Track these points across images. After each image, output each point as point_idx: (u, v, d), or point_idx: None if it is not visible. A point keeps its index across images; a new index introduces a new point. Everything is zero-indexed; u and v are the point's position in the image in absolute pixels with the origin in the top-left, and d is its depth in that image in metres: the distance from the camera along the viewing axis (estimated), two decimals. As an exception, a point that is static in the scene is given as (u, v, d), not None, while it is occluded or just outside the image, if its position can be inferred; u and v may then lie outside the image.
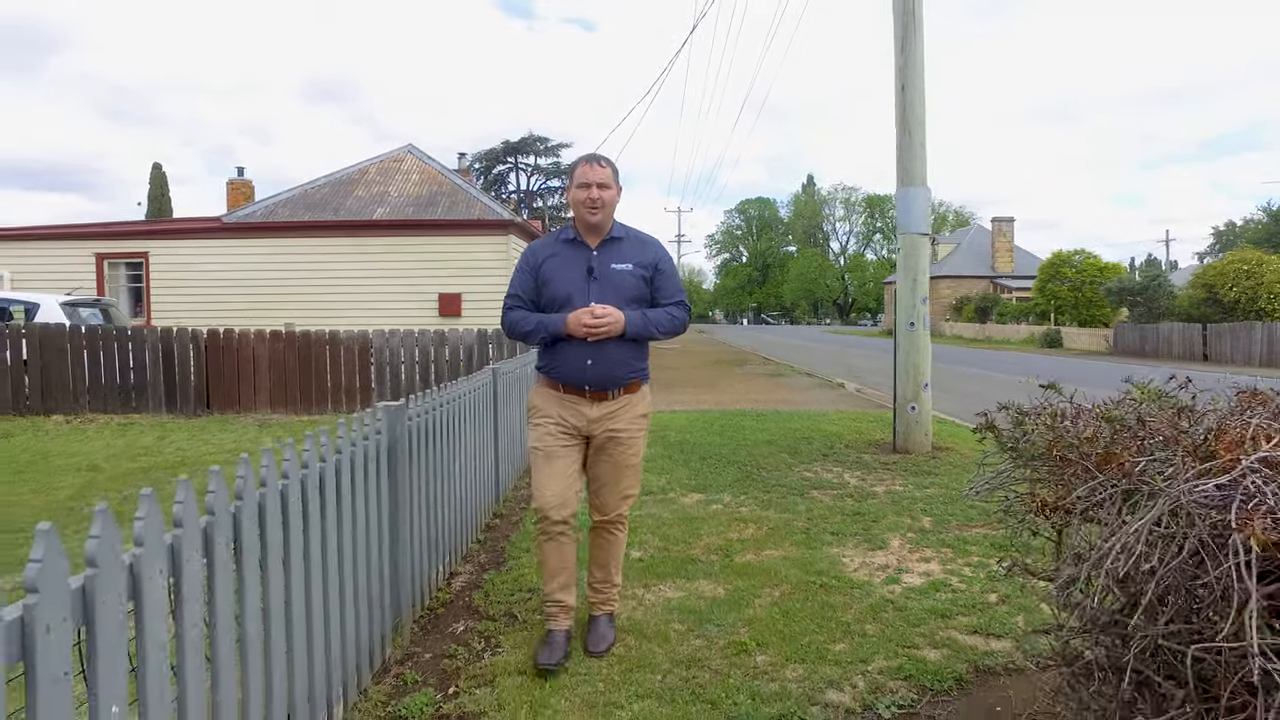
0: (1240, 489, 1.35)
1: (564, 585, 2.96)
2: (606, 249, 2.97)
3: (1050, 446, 1.72)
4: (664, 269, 3.03)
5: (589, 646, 2.95)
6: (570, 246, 2.99)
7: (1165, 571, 1.39)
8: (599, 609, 3.09)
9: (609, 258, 2.95)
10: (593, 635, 3.01)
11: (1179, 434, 1.56)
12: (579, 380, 2.90)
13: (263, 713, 1.93)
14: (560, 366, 2.92)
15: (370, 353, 9.93)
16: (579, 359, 2.88)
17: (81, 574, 1.29)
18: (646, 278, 2.98)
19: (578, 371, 2.89)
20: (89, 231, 14.79)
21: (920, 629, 3.11)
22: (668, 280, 3.02)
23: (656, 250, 3.05)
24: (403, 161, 16.90)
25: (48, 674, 1.19)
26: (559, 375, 2.93)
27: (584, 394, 2.92)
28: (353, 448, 2.53)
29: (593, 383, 2.90)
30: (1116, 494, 1.52)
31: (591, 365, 2.88)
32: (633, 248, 3.01)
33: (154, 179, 44.25)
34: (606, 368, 2.89)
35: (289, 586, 2.07)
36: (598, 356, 2.87)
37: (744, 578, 3.72)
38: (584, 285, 2.91)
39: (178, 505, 1.56)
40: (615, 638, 3.03)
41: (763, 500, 5.22)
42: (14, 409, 9.43)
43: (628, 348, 2.93)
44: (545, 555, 2.96)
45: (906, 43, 7.05)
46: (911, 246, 7.04)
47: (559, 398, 2.95)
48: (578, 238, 3.00)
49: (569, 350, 2.89)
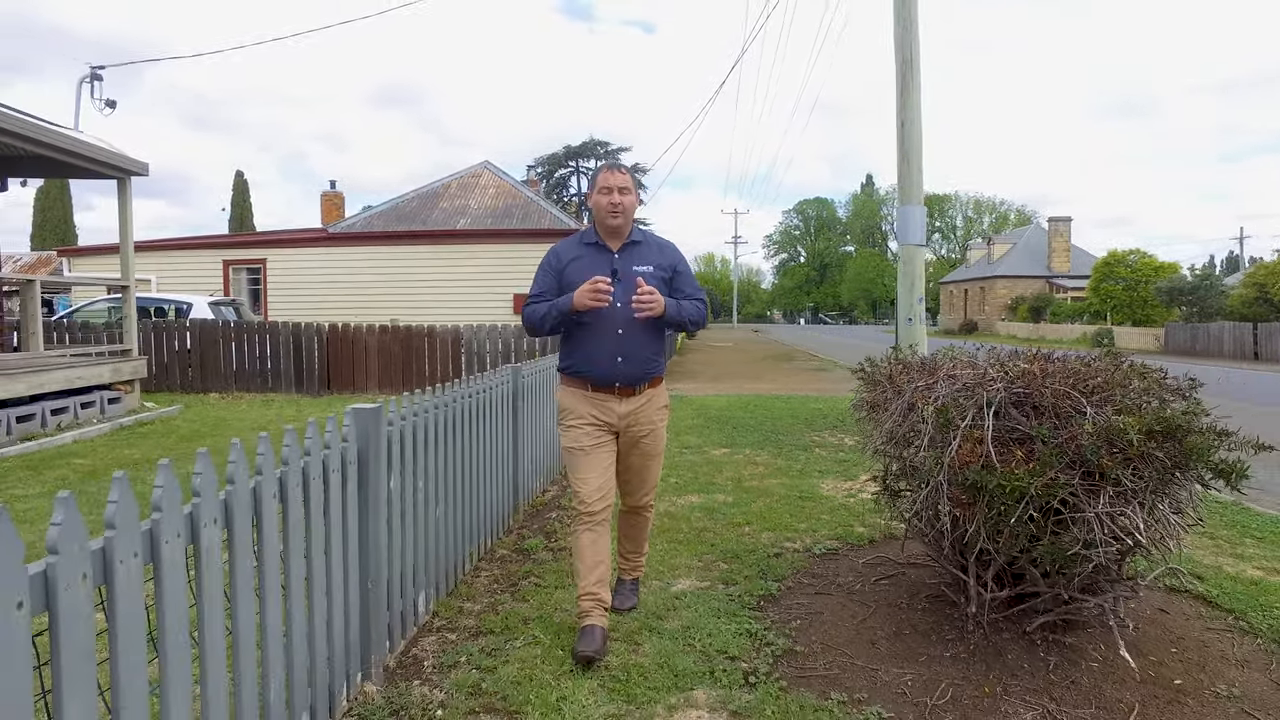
0: (933, 389, 2.94)
1: (600, 580, 2.96)
2: (628, 252, 3.09)
3: (871, 374, 3.30)
4: (681, 270, 3.18)
5: (614, 604, 3.14)
6: (593, 250, 3.09)
7: (904, 428, 2.98)
8: (628, 574, 3.39)
9: (630, 260, 3.06)
10: (619, 595, 3.28)
11: (926, 367, 3.13)
12: (609, 378, 3.00)
13: (475, 528, 3.65)
14: (590, 366, 3.01)
15: (461, 343, 11.82)
16: (609, 357, 2.98)
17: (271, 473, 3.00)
18: (666, 279, 3.11)
19: (608, 369, 2.99)
20: (217, 242, 17.22)
21: (858, 518, 4.67)
22: (686, 280, 3.18)
23: (674, 253, 3.19)
24: (480, 176, 18.92)
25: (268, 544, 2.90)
26: (589, 373, 3.02)
27: (613, 391, 3.02)
28: (491, 390, 4.23)
29: (623, 379, 3.01)
30: (889, 393, 3.10)
31: (623, 363, 2.99)
32: (652, 251, 3.14)
33: (236, 186, 47.76)
34: (637, 365, 3.01)
35: (474, 470, 3.79)
36: (628, 354, 2.99)
37: (748, 494, 5.33)
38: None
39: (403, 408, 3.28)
40: (638, 600, 3.33)
41: (774, 453, 6.81)
42: (181, 387, 11.65)
43: (653, 343, 3.07)
44: (582, 547, 3.00)
45: (906, 85, 8.48)
46: (910, 255, 8.48)
47: (588, 396, 3.04)
48: (599, 241, 3.09)
49: (600, 349, 2.99)
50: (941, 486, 2.70)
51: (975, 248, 54.87)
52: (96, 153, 8.65)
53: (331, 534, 2.36)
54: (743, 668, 2.76)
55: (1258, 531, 4.39)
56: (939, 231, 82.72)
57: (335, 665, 2.41)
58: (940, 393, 2.87)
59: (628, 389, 3.03)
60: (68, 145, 8.25)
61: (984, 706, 2.51)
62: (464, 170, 19.26)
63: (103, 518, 1.43)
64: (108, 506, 1.43)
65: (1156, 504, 2.55)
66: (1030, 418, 2.66)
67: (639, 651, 2.89)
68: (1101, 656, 2.73)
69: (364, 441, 2.58)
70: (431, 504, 3.23)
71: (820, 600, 3.41)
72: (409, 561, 2.98)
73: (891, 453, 3.11)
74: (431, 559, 3.23)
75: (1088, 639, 2.82)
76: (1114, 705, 2.48)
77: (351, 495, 2.50)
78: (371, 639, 2.65)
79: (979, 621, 2.93)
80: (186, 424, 8.63)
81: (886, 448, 3.11)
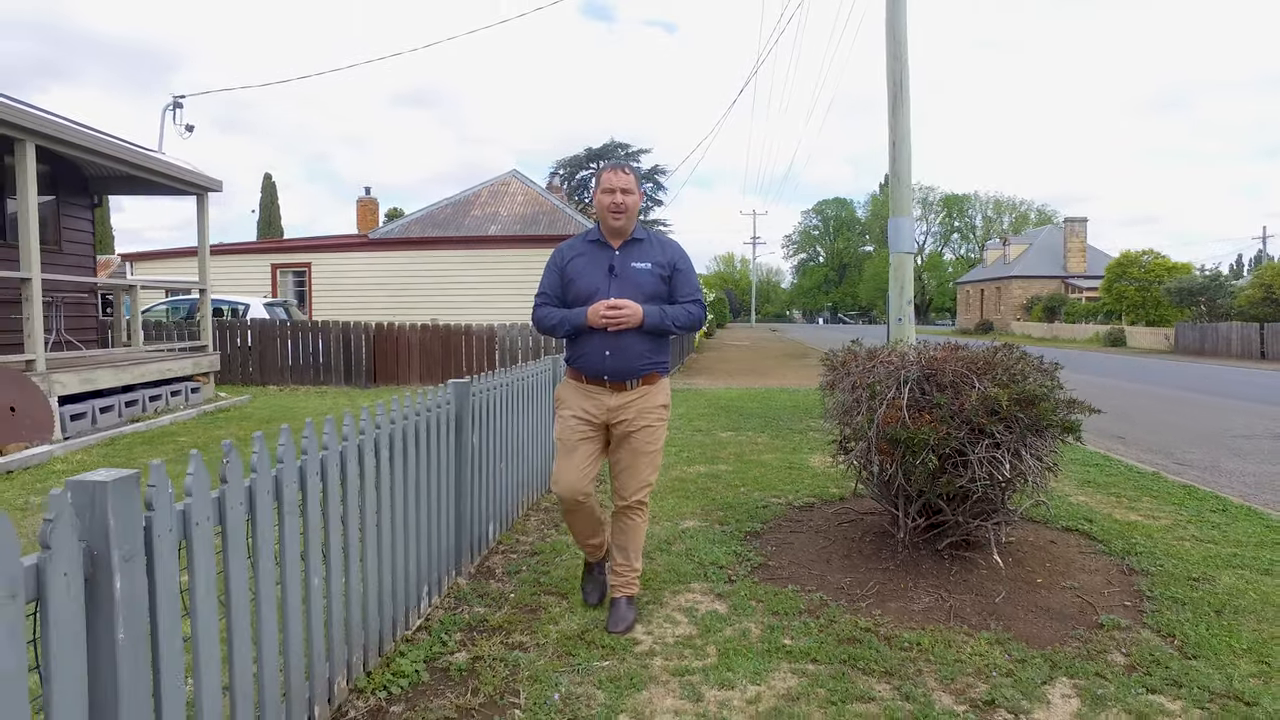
0: (871, 371, 3.97)
1: (591, 534, 3.32)
2: (628, 249, 3.14)
3: (831, 361, 4.34)
4: (681, 268, 3.18)
5: (610, 626, 3.10)
6: (595, 247, 3.17)
7: (850, 400, 4.01)
8: (619, 591, 3.24)
9: (630, 257, 3.12)
10: (613, 616, 3.15)
11: (870, 356, 4.15)
12: (599, 371, 3.10)
13: (527, 482, 4.72)
14: (583, 358, 3.13)
15: (495, 340, 12.95)
16: (599, 351, 3.07)
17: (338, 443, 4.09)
18: (665, 276, 3.13)
19: (598, 362, 3.09)
20: (265, 247, 18.55)
21: (834, 483, 5.69)
22: (685, 280, 3.19)
23: (675, 251, 3.21)
24: (509, 185, 20.11)
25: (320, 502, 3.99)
26: (582, 366, 3.14)
27: (604, 384, 3.12)
28: (537, 375, 5.29)
29: (611, 373, 3.08)
30: (843, 375, 4.13)
31: (610, 357, 3.06)
32: (652, 249, 3.18)
33: (265, 188, 49.14)
34: (624, 359, 3.07)
35: (525, 437, 4.87)
36: (616, 349, 3.05)
37: (746, 465, 6.37)
38: (606, 282, 3.08)
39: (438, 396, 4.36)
40: (635, 618, 3.18)
41: (773, 435, 7.84)
42: (243, 379, 12.89)
43: (645, 341, 3.10)
44: (572, 523, 3.31)
45: (897, 108, 9.46)
46: (899, 262, 9.45)
47: (582, 389, 3.17)
48: (602, 239, 3.16)
49: (591, 343, 3.08)
50: (872, 441, 3.73)
51: (993, 248, 55.31)
52: (180, 172, 9.87)
53: (444, 471, 3.44)
54: (728, 573, 3.80)
55: (1157, 492, 5.36)
56: (957, 231, 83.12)
57: (444, 562, 3.49)
58: (876, 374, 3.91)
59: (618, 383, 3.11)
60: (156, 166, 9.46)
61: (896, 594, 3.53)
62: (494, 179, 20.48)
63: (249, 464, 2.51)
64: (278, 446, 2.51)
65: (1020, 451, 3.56)
66: (935, 390, 3.69)
67: (654, 562, 3.94)
68: (989, 565, 3.74)
69: (460, 406, 3.66)
70: (497, 459, 4.31)
71: (793, 535, 4.44)
72: (482, 499, 4.06)
73: (843, 419, 4.15)
74: (497, 501, 4.31)
75: (981, 554, 3.84)
76: (989, 592, 3.49)
77: (452, 444, 3.57)
78: (462, 550, 3.73)
79: (905, 544, 3.96)
80: (258, 410, 9.81)
81: (840, 415, 4.15)
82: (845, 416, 4.11)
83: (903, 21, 9.02)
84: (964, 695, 2.60)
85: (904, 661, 2.83)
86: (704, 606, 3.37)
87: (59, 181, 9.91)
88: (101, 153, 8.14)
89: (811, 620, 3.21)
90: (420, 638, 3.05)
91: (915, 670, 2.77)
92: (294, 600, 2.22)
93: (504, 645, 3.00)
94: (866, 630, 3.09)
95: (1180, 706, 2.49)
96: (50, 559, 1.40)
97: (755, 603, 3.41)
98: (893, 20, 9.02)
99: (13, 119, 6.53)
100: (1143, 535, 4.34)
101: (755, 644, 2.98)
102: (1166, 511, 4.89)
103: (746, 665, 2.80)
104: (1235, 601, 3.36)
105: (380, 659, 2.82)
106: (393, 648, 2.92)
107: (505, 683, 2.69)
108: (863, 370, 4.01)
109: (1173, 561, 3.89)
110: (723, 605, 3.39)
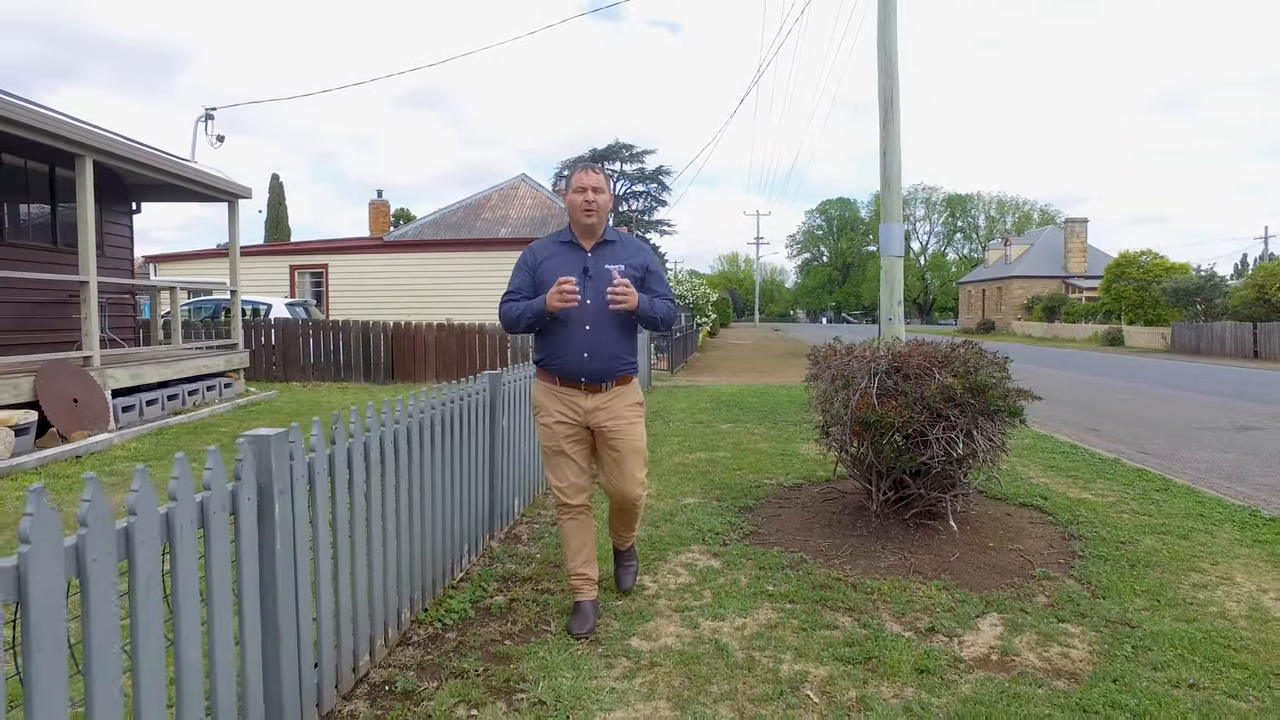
0: (848, 365, 4.57)
1: (586, 560, 3.24)
2: (600, 251, 3.15)
3: (814, 356, 4.94)
4: (654, 270, 3.22)
5: (618, 582, 3.59)
6: (567, 248, 3.16)
7: (829, 389, 4.62)
8: (623, 545, 3.64)
9: (603, 259, 3.13)
10: (621, 571, 3.63)
11: (847, 351, 4.75)
12: (576, 373, 3.08)
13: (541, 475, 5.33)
14: (559, 360, 3.10)
15: (508, 339, 13.56)
16: (576, 353, 3.06)
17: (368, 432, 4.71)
18: (638, 278, 3.13)
19: (575, 364, 3.06)
20: (284, 249, 19.21)
21: (822, 466, 6.29)
22: (658, 280, 3.21)
23: (646, 255, 3.25)
24: (518, 189, 20.76)
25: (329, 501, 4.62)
26: (557, 368, 3.11)
27: (579, 386, 3.11)
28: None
29: (589, 375, 3.08)
30: (824, 368, 4.73)
31: (588, 359, 3.05)
32: (625, 251, 3.19)
33: (273, 188, 49.43)
34: (603, 361, 3.07)
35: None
36: (594, 351, 3.05)
37: (743, 452, 6.98)
38: (580, 284, 3.02)
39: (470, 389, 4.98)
40: (639, 565, 3.71)
41: (769, 427, 8.45)
42: (267, 376, 13.54)
43: (621, 343, 3.11)
44: (566, 535, 3.27)
45: (888, 120, 10.04)
46: (890, 266, 10.03)
47: (556, 392, 3.15)
48: (574, 240, 3.16)
49: (568, 345, 3.06)
50: (847, 424, 4.34)
51: (994, 248, 55.81)
52: (215, 181, 10.51)
53: (480, 448, 4.05)
54: (723, 538, 4.41)
55: (1113, 476, 5.95)
56: (960, 231, 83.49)
57: (480, 526, 4.11)
58: (851, 367, 4.51)
59: (594, 385, 3.11)
60: (194, 175, 10.11)
61: (866, 554, 4.13)
62: (503, 183, 21.14)
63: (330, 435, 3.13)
64: (332, 428, 3.13)
65: (973, 432, 4.16)
66: (901, 380, 4.29)
67: (659, 529, 4.55)
68: (948, 532, 4.34)
69: (494, 393, 4.27)
70: (521, 441, 4.92)
71: (781, 510, 5.05)
72: (511, 475, 4.67)
73: (825, 407, 4.75)
74: (521, 477, 4.92)
75: (942, 523, 4.43)
76: (946, 553, 4.09)
77: (487, 426, 4.19)
78: (495, 516, 4.35)
79: (877, 514, 4.56)
80: (286, 404, 10.45)
81: (821, 403, 4.75)
82: (825, 404, 4.72)
83: (893, 38, 9.61)
84: (911, 625, 3.20)
85: (865, 602, 3.43)
86: (701, 563, 3.98)
87: (102, 189, 10.54)
88: (149, 165, 8.78)
89: (792, 573, 3.81)
90: (463, 586, 3.66)
91: (874, 608, 3.37)
92: (385, 537, 2.84)
93: (534, 590, 3.61)
94: (837, 579, 3.70)
95: (1080, 630, 3.10)
96: (240, 487, 2.02)
97: (745, 560, 4.02)
98: (884, 38, 9.62)
99: (77, 137, 7.17)
100: (1088, 510, 4.93)
101: (743, 589, 3.59)
102: (1115, 491, 5.48)
103: (735, 604, 3.41)
104: (1150, 558, 3.97)
105: (434, 599, 3.43)
106: (442, 592, 3.54)
107: (538, 616, 3.31)
108: (840, 364, 4.61)
109: (1108, 529, 4.49)
110: (718, 562, 4.00)
